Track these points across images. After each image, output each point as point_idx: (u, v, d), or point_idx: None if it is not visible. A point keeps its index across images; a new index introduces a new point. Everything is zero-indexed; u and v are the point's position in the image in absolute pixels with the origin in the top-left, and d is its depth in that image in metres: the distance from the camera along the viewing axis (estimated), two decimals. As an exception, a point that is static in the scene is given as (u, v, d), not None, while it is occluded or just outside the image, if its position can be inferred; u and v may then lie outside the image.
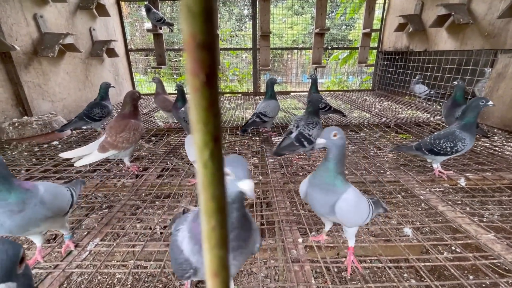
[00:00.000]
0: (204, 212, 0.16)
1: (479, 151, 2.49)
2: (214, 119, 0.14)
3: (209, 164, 0.15)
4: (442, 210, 1.61)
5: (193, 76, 0.13)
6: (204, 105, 0.13)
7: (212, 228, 0.16)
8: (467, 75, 3.53)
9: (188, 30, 0.12)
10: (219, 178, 0.15)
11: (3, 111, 2.98)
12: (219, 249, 0.16)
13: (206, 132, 0.14)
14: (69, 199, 1.26)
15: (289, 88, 8.04)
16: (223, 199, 0.16)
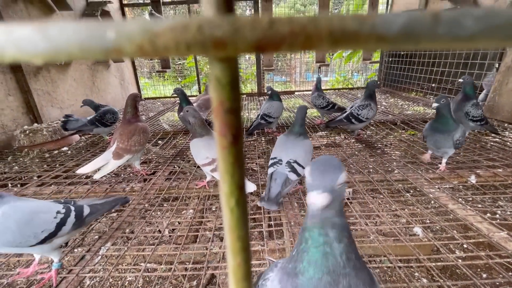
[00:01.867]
0: (230, 250, 0.17)
1: (489, 147, 2.45)
2: (239, 171, 0.16)
3: (235, 209, 0.16)
4: (452, 208, 1.59)
5: (221, 136, 0.15)
6: (231, 160, 0.15)
7: (238, 265, 0.17)
8: (475, 69, 3.47)
9: (217, 98, 0.14)
10: (244, 221, 0.17)
11: (14, 119, 3.04)
12: (244, 282, 0.18)
13: (233, 183, 0.16)
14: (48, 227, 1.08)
15: (293, 87, 8.02)
16: (247, 239, 0.17)
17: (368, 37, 0.11)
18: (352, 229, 1.56)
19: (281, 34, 0.11)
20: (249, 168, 2.35)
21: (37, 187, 2.04)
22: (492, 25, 0.11)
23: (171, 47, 0.11)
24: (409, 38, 0.11)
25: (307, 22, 0.11)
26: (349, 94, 5.78)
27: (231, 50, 0.11)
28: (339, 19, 0.11)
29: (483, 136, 2.77)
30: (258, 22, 0.11)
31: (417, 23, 0.11)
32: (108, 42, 0.11)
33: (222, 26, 0.11)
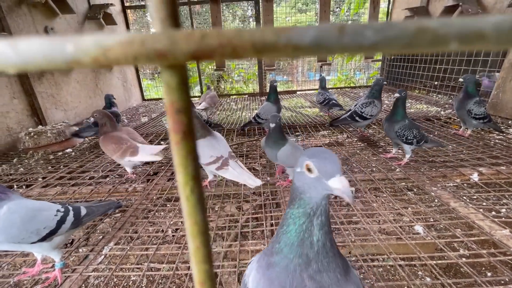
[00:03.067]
0: (189, 234, 0.19)
1: (493, 144, 2.43)
2: (192, 163, 0.17)
3: (190, 197, 0.18)
4: (454, 206, 1.58)
5: (174, 133, 0.17)
6: (184, 154, 0.17)
7: (197, 247, 0.19)
8: (478, 66, 3.44)
9: (168, 99, 0.16)
10: (200, 207, 0.19)
11: (19, 121, 3.10)
12: (204, 264, 0.19)
13: (186, 174, 0.18)
14: (49, 223, 1.12)
15: (295, 87, 8.02)
16: (204, 224, 0.19)
17: (285, 47, 0.13)
18: (355, 228, 1.56)
19: (212, 46, 0.13)
20: (251, 168, 2.37)
21: (41, 188, 2.08)
22: (388, 36, 0.12)
23: (121, 59, 0.13)
24: (320, 48, 0.13)
25: (233, 35, 0.13)
26: (351, 92, 5.77)
27: (171, 59, 0.13)
28: (260, 32, 0.13)
29: (487, 134, 2.75)
30: (192, 36, 0.13)
31: (326, 34, 0.12)
32: (68, 55, 0.13)
33: (161, 40, 0.13)
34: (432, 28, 0.12)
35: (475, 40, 0.12)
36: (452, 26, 0.12)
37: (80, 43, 0.13)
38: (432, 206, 1.65)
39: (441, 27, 0.12)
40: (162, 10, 0.13)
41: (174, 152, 0.16)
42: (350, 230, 1.51)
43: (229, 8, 9.00)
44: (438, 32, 0.12)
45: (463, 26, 0.12)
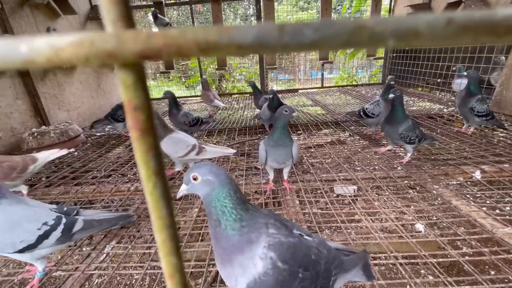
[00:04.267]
0: (155, 228, 0.20)
1: (496, 142, 2.40)
2: (153, 158, 0.18)
3: (153, 192, 0.18)
4: (456, 204, 1.58)
5: (133, 129, 0.17)
6: (144, 149, 0.17)
7: (163, 241, 0.19)
8: (482, 63, 3.40)
9: (125, 97, 0.16)
10: (164, 202, 0.19)
11: (23, 122, 3.14)
12: (171, 257, 0.20)
13: (148, 169, 0.18)
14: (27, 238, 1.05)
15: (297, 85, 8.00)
16: (169, 218, 0.19)
17: (228, 46, 0.13)
18: (356, 226, 1.56)
19: (157, 45, 0.13)
20: (252, 166, 2.37)
21: (45, 187, 2.11)
22: (327, 34, 0.12)
23: (73, 59, 0.13)
24: (262, 46, 0.13)
25: (177, 35, 0.13)
26: (354, 91, 5.73)
27: (120, 59, 0.13)
28: (203, 32, 0.13)
29: (490, 131, 2.72)
30: (139, 36, 0.13)
31: (266, 34, 0.13)
32: (23, 55, 0.13)
33: (109, 41, 0.13)
34: (369, 26, 0.12)
35: (411, 38, 0.12)
36: (388, 24, 0.12)
37: (33, 44, 0.13)
38: (434, 204, 1.64)
39: (378, 25, 0.12)
40: (113, 11, 0.14)
41: (135, 148, 0.17)
42: (351, 229, 1.51)
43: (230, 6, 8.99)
44: (375, 30, 0.12)
45: (398, 24, 0.12)
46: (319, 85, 6.54)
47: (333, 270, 0.79)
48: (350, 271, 0.86)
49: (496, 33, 0.12)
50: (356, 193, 1.89)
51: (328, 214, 1.61)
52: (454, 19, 0.12)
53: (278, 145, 1.66)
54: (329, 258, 0.79)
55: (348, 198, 1.75)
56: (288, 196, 1.78)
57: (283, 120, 1.63)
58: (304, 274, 0.72)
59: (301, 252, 0.73)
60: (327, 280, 0.77)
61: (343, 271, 0.83)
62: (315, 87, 6.57)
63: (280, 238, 0.72)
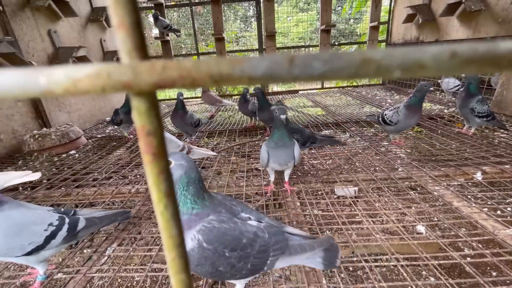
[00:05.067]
0: (165, 247, 0.20)
1: (497, 143, 2.40)
2: (165, 181, 0.18)
3: (164, 213, 0.19)
4: (457, 205, 1.58)
5: (145, 154, 0.18)
6: (156, 173, 0.18)
7: (173, 259, 0.20)
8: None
9: (139, 123, 0.17)
10: (174, 222, 0.19)
11: (24, 124, 3.15)
12: (181, 274, 0.20)
13: (159, 191, 0.18)
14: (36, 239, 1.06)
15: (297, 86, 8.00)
16: (179, 237, 0.20)
17: (240, 78, 0.13)
18: (357, 227, 1.56)
19: (172, 77, 0.14)
20: (253, 168, 2.38)
21: (46, 190, 2.12)
22: (335, 67, 0.13)
23: (90, 89, 0.14)
24: (273, 78, 0.13)
25: (191, 67, 0.13)
26: (354, 91, 5.74)
27: (136, 89, 0.14)
28: (216, 64, 0.13)
29: (491, 132, 2.72)
30: (154, 68, 0.14)
31: (277, 66, 0.13)
32: (42, 86, 0.14)
33: (126, 73, 0.14)
34: (376, 59, 0.13)
35: (416, 69, 0.13)
36: (395, 57, 0.13)
37: (52, 75, 0.14)
38: (435, 206, 1.64)
39: (385, 58, 0.13)
40: (128, 42, 0.14)
41: (147, 171, 0.17)
42: (352, 230, 1.51)
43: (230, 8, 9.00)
44: (382, 63, 0.13)
45: (404, 57, 0.12)
46: (320, 86, 6.55)
47: (271, 251, 0.92)
48: (299, 254, 0.96)
49: (499, 65, 0.12)
50: (357, 195, 1.89)
51: (329, 216, 1.61)
52: (458, 53, 0.12)
53: (279, 146, 1.64)
54: (268, 242, 0.92)
55: (349, 200, 1.75)
56: (289, 198, 1.78)
57: (279, 120, 1.61)
58: (231, 253, 0.87)
59: (230, 236, 0.88)
60: (261, 260, 0.91)
61: (287, 253, 0.94)
62: (315, 88, 6.58)
63: (214, 224, 0.88)
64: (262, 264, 0.92)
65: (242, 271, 0.90)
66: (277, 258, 0.94)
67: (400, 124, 2.39)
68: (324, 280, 1.16)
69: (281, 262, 0.96)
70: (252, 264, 0.90)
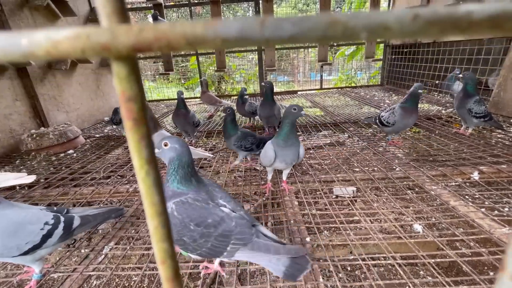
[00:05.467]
0: (148, 215, 0.20)
1: (494, 143, 2.42)
2: (145, 148, 0.18)
3: (146, 180, 0.19)
4: (454, 205, 1.58)
5: (126, 119, 0.18)
6: (136, 139, 0.18)
7: (155, 227, 0.20)
8: (479, 64, 3.42)
9: (119, 88, 0.17)
10: (156, 189, 0.19)
11: (22, 123, 3.15)
12: (163, 243, 0.20)
13: (140, 158, 0.18)
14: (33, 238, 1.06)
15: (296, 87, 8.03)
16: (161, 205, 0.20)
17: (214, 40, 0.14)
18: (356, 227, 1.57)
19: (149, 39, 0.14)
20: (251, 168, 2.38)
21: (43, 189, 2.11)
22: (304, 27, 0.13)
23: (70, 51, 0.14)
24: (246, 40, 0.14)
25: (167, 29, 0.14)
26: (352, 92, 5.76)
27: (114, 52, 0.14)
28: (191, 26, 0.14)
29: (488, 132, 2.73)
30: (131, 30, 0.14)
31: (249, 28, 0.13)
32: (23, 48, 0.14)
33: (104, 35, 0.14)
34: (342, 21, 0.13)
35: (381, 31, 0.13)
36: (360, 19, 0.13)
37: (33, 37, 0.14)
38: (433, 205, 1.65)
39: (351, 20, 0.13)
40: (107, 6, 0.15)
41: (128, 137, 0.17)
42: (350, 230, 1.51)
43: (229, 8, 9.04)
44: (348, 24, 0.13)
45: (369, 19, 0.13)
46: (318, 87, 6.57)
47: (232, 239, 0.99)
48: (262, 253, 0.98)
49: (459, 27, 0.13)
50: (355, 194, 1.89)
51: (327, 215, 1.62)
52: (420, 15, 0.13)
53: (288, 145, 1.62)
54: (233, 230, 0.99)
55: (347, 199, 1.75)
56: (287, 197, 1.78)
57: (291, 118, 1.61)
58: (195, 227, 0.97)
59: (197, 212, 0.98)
60: (222, 244, 0.98)
61: (249, 247, 0.99)
62: (314, 89, 6.60)
63: (188, 200, 1.01)
64: (222, 248, 0.98)
65: (203, 248, 0.98)
66: (238, 248, 0.99)
67: (397, 124, 2.42)
68: (321, 279, 1.16)
69: (242, 254, 1.00)
70: (213, 245, 0.98)
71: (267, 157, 1.70)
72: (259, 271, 1.65)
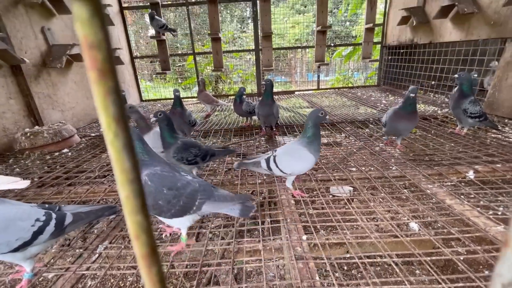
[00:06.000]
0: (118, 183, 0.18)
1: (489, 143, 2.44)
2: (113, 104, 0.16)
3: (115, 142, 0.17)
4: (450, 204, 1.59)
5: (90, 70, 0.15)
6: (103, 93, 0.16)
7: (126, 197, 0.18)
8: (475, 65, 3.45)
9: (81, 34, 0.15)
10: (127, 154, 0.17)
11: (16, 121, 3.10)
12: (136, 215, 0.18)
13: (108, 115, 0.16)
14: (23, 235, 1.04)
15: (293, 87, 8.03)
16: (133, 172, 0.18)
17: None
18: (352, 226, 1.56)
19: None
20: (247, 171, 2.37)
21: (37, 188, 2.08)
22: None
23: None
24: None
25: None
26: (349, 92, 5.78)
27: None
28: None
29: (483, 132, 2.75)
30: None
31: None
32: None
33: None
34: None
35: None
36: None
37: None
38: (429, 204, 1.65)
39: None
40: None
41: (93, 91, 0.16)
42: (347, 229, 1.51)
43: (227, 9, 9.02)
44: None
45: None
46: (315, 87, 6.59)
47: (199, 196, 1.23)
48: (222, 202, 1.28)
49: None
50: (352, 194, 1.89)
51: (324, 214, 1.61)
52: None
53: (318, 150, 1.70)
54: (198, 189, 1.24)
55: (344, 199, 1.75)
56: (284, 196, 1.77)
57: (315, 121, 1.66)
58: (168, 191, 1.18)
59: (168, 179, 1.21)
60: (191, 200, 1.22)
61: (212, 200, 1.25)
62: (311, 89, 6.61)
63: (157, 171, 1.21)
64: (191, 204, 1.22)
65: (176, 206, 1.19)
66: (204, 202, 1.24)
67: (387, 126, 2.40)
68: (318, 278, 1.15)
69: (208, 206, 1.25)
70: (184, 202, 1.20)
71: (308, 162, 1.66)
72: (255, 270, 1.64)
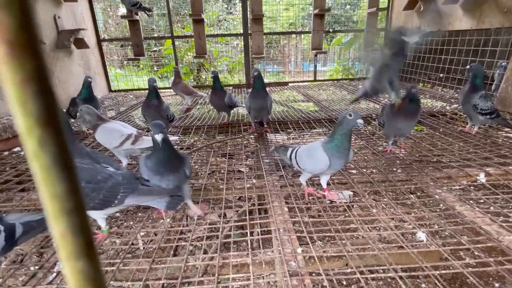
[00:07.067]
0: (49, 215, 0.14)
1: (501, 142, 2.51)
2: (36, 97, 0.12)
3: (39, 155, 0.13)
4: (459, 210, 1.62)
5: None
6: (17, 80, 0.12)
7: (62, 235, 0.14)
8: (486, 57, 3.55)
9: None
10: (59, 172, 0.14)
11: (-44, 115, 2.95)
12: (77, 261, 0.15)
13: (26, 115, 0.12)
14: None
15: (287, 78, 8.05)
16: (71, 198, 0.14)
17: None
18: (352, 236, 1.58)
19: None
20: (235, 170, 2.35)
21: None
22: None
23: None
24: None
25: None
26: (350, 85, 5.84)
27: None
28: None
29: (495, 131, 2.84)
30: None
31: None
32: None
33: None
34: None
35: None
36: None
37: None
38: (437, 211, 1.68)
39: None
40: None
41: (3, 78, 0.12)
42: (346, 239, 1.52)
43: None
44: None
45: None
46: (312, 78, 6.62)
47: (121, 189, 1.35)
48: (147, 196, 1.42)
49: None
50: (352, 199, 1.91)
51: (321, 223, 1.62)
52: None
53: (343, 155, 1.64)
54: (121, 182, 1.36)
55: (343, 205, 1.77)
56: (276, 203, 1.77)
57: (346, 126, 1.58)
58: (86, 185, 1.27)
59: (86, 172, 1.31)
60: (113, 194, 1.33)
61: (136, 193, 1.38)
62: (307, 81, 6.65)
63: (75, 163, 1.25)
64: (112, 197, 1.33)
65: (95, 200, 1.30)
66: (127, 195, 1.35)
67: (385, 127, 2.42)
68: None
69: (131, 199, 1.37)
70: (105, 196, 1.31)
71: (319, 164, 1.67)
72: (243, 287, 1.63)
